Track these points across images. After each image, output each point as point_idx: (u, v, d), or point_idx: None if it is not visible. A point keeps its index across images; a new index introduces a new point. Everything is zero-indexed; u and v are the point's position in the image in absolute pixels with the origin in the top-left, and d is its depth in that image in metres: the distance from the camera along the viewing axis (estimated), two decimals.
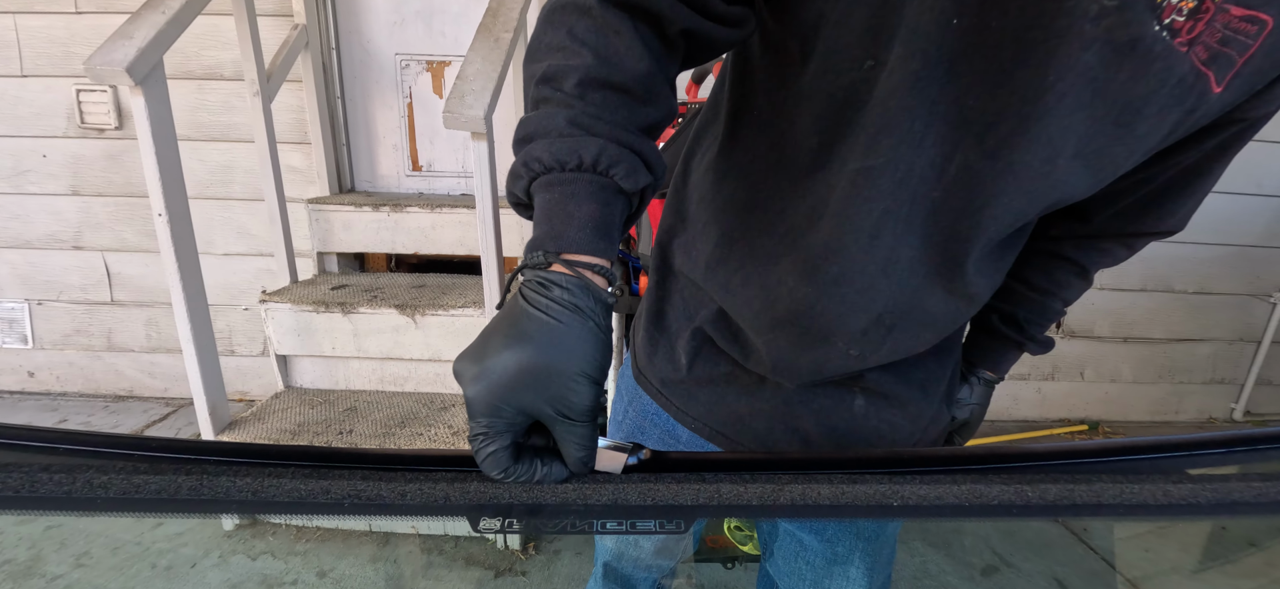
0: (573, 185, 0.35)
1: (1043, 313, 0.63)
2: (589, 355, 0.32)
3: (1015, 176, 0.40)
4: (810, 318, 0.49)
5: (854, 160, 0.42)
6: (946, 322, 0.50)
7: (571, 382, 0.32)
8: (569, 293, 0.33)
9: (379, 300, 1.71)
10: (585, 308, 0.33)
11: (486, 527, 0.32)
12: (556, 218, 0.34)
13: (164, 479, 0.33)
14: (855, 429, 0.57)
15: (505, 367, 0.31)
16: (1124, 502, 0.34)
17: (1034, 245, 0.60)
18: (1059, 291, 0.62)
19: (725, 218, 0.53)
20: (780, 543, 0.71)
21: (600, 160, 0.34)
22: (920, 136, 0.40)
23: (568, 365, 0.32)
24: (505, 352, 0.32)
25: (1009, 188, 0.41)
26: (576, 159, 0.34)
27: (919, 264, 0.45)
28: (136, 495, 0.33)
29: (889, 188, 0.41)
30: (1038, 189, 0.41)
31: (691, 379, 0.60)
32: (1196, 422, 2.41)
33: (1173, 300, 2.27)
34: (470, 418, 0.32)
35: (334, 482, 0.33)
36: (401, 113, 2.05)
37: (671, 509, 0.33)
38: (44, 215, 2.05)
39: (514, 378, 0.31)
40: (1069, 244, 0.60)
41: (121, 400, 2.23)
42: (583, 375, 0.32)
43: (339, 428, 1.61)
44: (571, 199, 0.34)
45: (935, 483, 0.35)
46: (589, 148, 0.34)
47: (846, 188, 0.43)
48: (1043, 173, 0.40)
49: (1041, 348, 0.65)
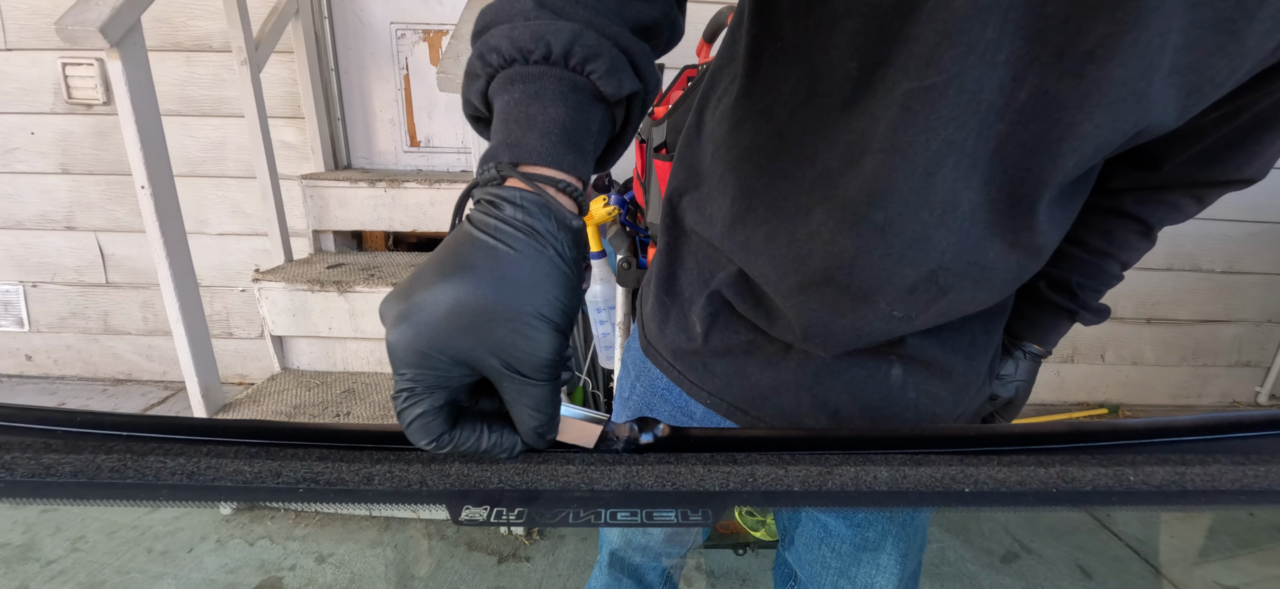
0: (538, 82, 0.28)
1: (1099, 277, 0.56)
2: (547, 292, 0.25)
3: (1102, 99, 0.33)
4: (849, 275, 0.42)
5: (907, 80, 0.34)
6: (1006, 280, 0.44)
7: (523, 325, 0.25)
8: (525, 212, 0.26)
9: (376, 279, 1.66)
10: (544, 232, 0.26)
11: (470, 516, 0.26)
12: (514, 122, 0.28)
13: (81, 458, 0.27)
14: (892, 402, 0.51)
15: (437, 303, 0.25)
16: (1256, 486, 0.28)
17: (1090, 200, 0.52)
18: (1117, 253, 0.55)
19: (745, 168, 0.46)
20: (802, 529, 0.65)
21: (574, 51, 0.28)
22: (993, 47, 0.32)
23: (518, 303, 0.25)
24: (439, 285, 0.25)
25: (1093, 114, 0.33)
26: (543, 48, 0.28)
27: (981, 211, 0.38)
28: (47, 478, 0.27)
29: (953, 112, 0.33)
30: (1125, 115, 0.34)
31: (707, 350, 0.54)
32: (1219, 405, 2.34)
33: (1199, 280, 2.18)
34: (393, 370, 0.25)
35: (286, 463, 0.27)
36: (397, 85, 1.97)
37: (696, 497, 0.27)
38: (34, 195, 2.00)
39: (448, 317, 0.24)
40: (1131, 198, 0.52)
41: (120, 384, 2.20)
42: (538, 317, 0.25)
43: (336, 410, 1.57)
44: (535, 99, 0.28)
45: (1016, 464, 0.29)
46: (560, 35, 0.27)
47: (897, 115, 0.35)
48: (1136, 92, 0.32)
49: (1096, 317, 0.57)
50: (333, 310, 1.64)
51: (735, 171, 0.47)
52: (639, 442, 0.30)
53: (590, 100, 0.29)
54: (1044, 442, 0.31)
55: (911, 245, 0.39)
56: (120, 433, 0.29)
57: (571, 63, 0.28)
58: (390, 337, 0.25)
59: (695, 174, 0.53)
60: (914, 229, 0.38)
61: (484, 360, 0.25)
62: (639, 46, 0.30)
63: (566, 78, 0.28)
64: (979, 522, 1.55)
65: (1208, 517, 1.60)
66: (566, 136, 0.28)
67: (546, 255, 0.26)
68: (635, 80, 0.30)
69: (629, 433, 0.31)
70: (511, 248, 0.25)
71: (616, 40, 0.29)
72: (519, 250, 0.25)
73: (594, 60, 0.28)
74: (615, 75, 0.29)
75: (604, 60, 0.28)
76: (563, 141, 0.28)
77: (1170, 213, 0.52)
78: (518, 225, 0.26)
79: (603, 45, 0.28)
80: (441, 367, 0.25)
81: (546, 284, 0.26)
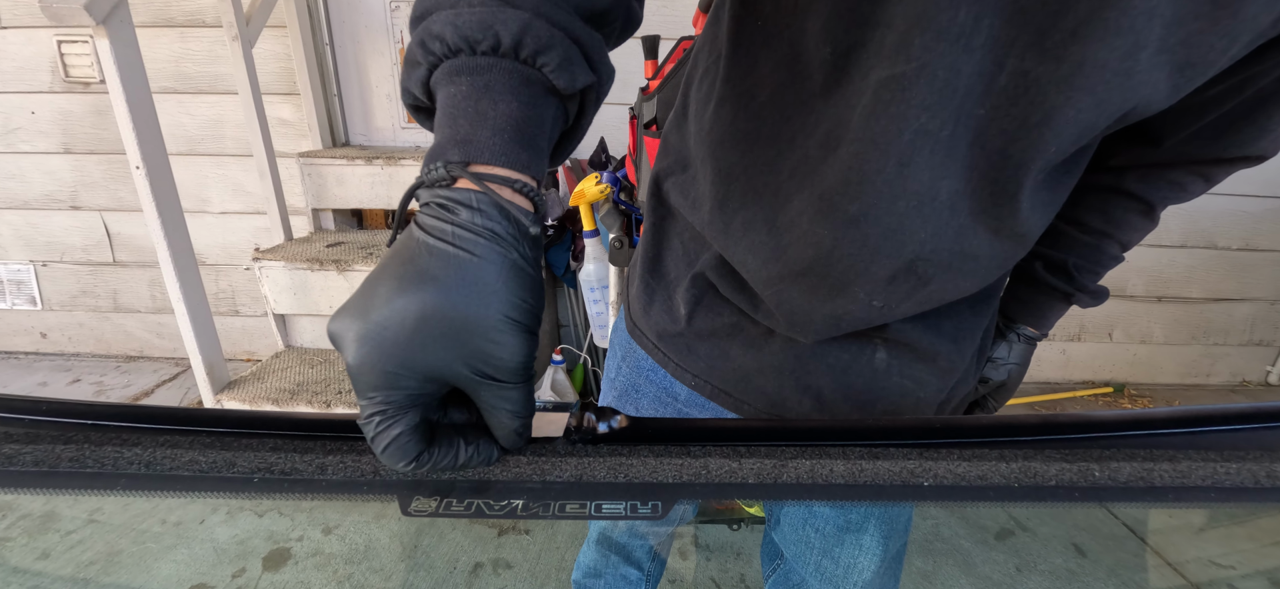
0: (487, 74, 0.26)
1: (1097, 259, 0.54)
2: (514, 294, 0.25)
3: (1085, 80, 0.31)
4: (827, 265, 0.41)
5: (879, 68, 0.33)
6: (991, 267, 0.42)
7: (494, 332, 0.24)
8: (481, 214, 0.25)
9: (375, 258, 1.66)
10: (504, 234, 0.25)
11: (419, 508, 0.26)
12: (463, 118, 0.26)
13: (40, 449, 0.27)
14: (876, 387, 0.50)
15: (401, 319, 0.24)
16: (1218, 483, 0.27)
17: (1089, 179, 0.50)
18: (1117, 233, 0.53)
19: (724, 152, 0.45)
20: (787, 510, 0.66)
21: (525, 43, 0.26)
22: (968, 33, 0.31)
23: (487, 311, 0.24)
24: (399, 298, 0.24)
25: (1076, 96, 0.32)
26: (491, 39, 0.26)
27: (962, 199, 0.37)
28: (10, 467, 0.27)
29: (925, 101, 0.32)
30: (1111, 96, 0.32)
31: (691, 332, 0.53)
32: (1229, 385, 2.31)
33: (1214, 258, 2.13)
34: (358, 394, 0.24)
35: (240, 453, 0.28)
36: (393, 59, 1.94)
37: (646, 488, 0.27)
38: (39, 175, 2.01)
39: (414, 333, 0.24)
40: (1132, 176, 0.50)
41: (133, 361, 2.26)
42: (507, 321, 0.24)
43: (338, 387, 1.59)
44: (484, 94, 0.26)
45: (977, 459, 0.28)
46: (509, 25, 0.26)
47: (869, 104, 0.34)
48: (1121, 72, 0.31)
49: (1094, 299, 0.56)
50: (333, 289, 1.65)
51: (714, 156, 0.46)
52: (596, 431, 0.30)
53: (543, 94, 0.28)
54: (1010, 434, 0.30)
55: (888, 237, 0.38)
56: (82, 421, 0.29)
57: (522, 55, 0.26)
58: (351, 360, 0.24)
59: (680, 156, 0.52)
60: (890, 220, 0.37)
61: (457, 372, 0.25)
62: (591, 37, 0.29)
63: (517, 71, 0.27)
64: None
65: None
66: (519, 134, 0.26)
67: (509, 259, 0.25)
68: (589, 73, 0.29)
69: (585, 423, 0.30)
70: (473, 254, 0.24)
71: (568, 30, 0.27)
72: (480, 255, 0.24)
73: (546, 52, 0.27)
74: (568, 68, 0.27)
75: (557, 52, 0.27)
76: (516, 139, 0.26)
77: (1174, 192, 0.50)
78: (477, 229, 0.24)
79: (555, 36, 0.27)
80: (412, 385, 0.24)
81: (513, 287, 0.25)
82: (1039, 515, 1.52)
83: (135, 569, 1.31)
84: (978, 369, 0.56)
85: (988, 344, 0.56)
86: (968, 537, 1.45)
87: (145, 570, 1.30)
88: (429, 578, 1.31)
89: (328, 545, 1.40)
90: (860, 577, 0.60)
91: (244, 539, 1.40)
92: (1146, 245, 2.11)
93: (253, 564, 1.34)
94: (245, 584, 1.28)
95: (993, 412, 0.61)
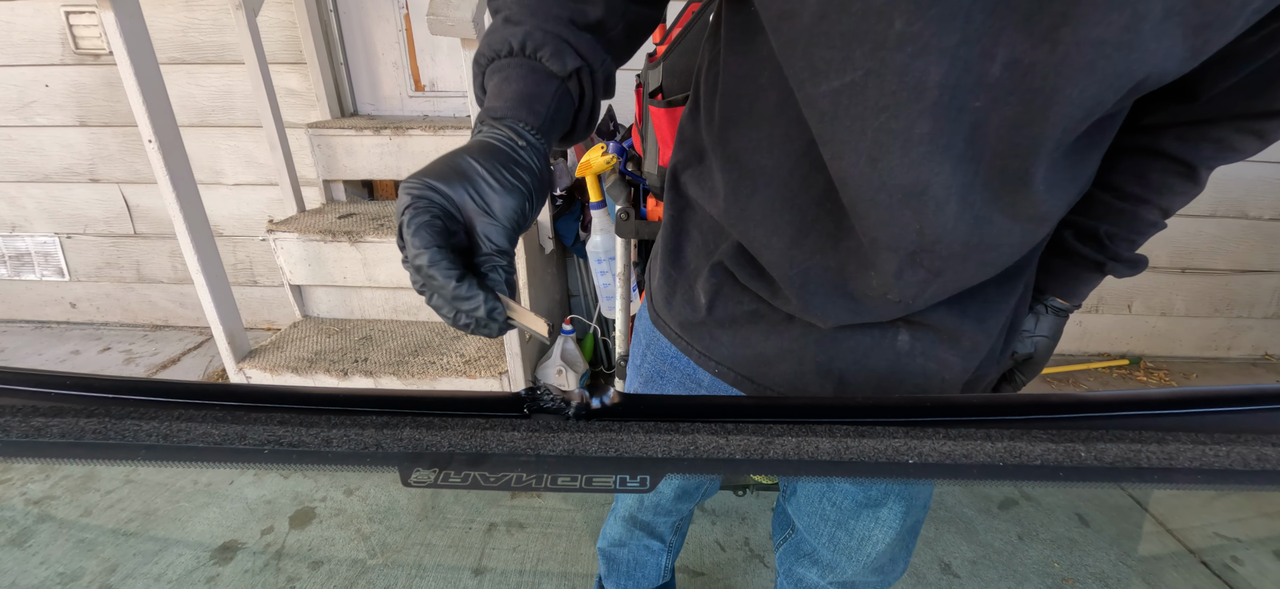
0: (507, 69, 0.40)
1: (1133, 226, 0.51)
2: (498, 166, 0.37)
3: (1084, 60, 0.30)
4: (834, 255, 0.43)
5: (828, 81, 0.36)
6: (1011, 250, 0.42)
7: (485, 179, 0.36)
8: (488, 131, 0.39)
9: (386, 229, 1.68)
10: (499, 142, 0.38)
11: (419, 480, 0.27)
12: (494, 96, 0.40)
13: (66, 421, 0.29)
14: (898, 369, 0.50)
15: (443, 162, 0.37)
16: (1208, 465, 0.27)
17: (1123, 140, 0.48)
18: (1155, 198, 0.49)
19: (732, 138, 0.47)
20: (804, 483, 0.67)
21: (527, 45, 0.40)
22: (919, 37, 0.31)
23: (483, 169, 0.37)
24: (445, 156, 0.38)
25: (1078, 77, 0.31)
26: (506, 46, 0.41)
27: (974, 191, 0.37)
28: (39, 439, 0.29)
29: (881, 102, 0.34)
30: (1116, 71, 0.31)
31: (712, 320, 0.54)
32: (1250, 358, 2.26)
33: (1244, 228, 2.05)
34: (401, 208, 0.35)
35: (250, 427, 0.29)
36: (398, 26, 1.91)
37: (636, 463, 0.28)
38: (57, 148, 2.05)
39: (441, 169, 0.36)
40: (1170, 137, 0.47)
41: (158, 329, 2.34)
42: (492, 177, 0.37)
43: (355, 356, 1.64)
44: (506, 81, 0.40)
45: (964, 437, 0.28)
46: (515, 35, 0.40)
47: (829, 108, 0.37)
48: (1124, 45, 0.30)
49: (1130, 269, 0.53)
50: (346, 260, 1.68)
51: (723, 142, 0.48)
52: (589, 406, 0.31)
53: (544, 76, 0.40)
54: (998, 413, 0.30)
55: (880, 229, 0.40)
56: (103, 395, 0.31)
57: (526, 52, 0.40)
58: (404, 184, 0.36)
59: (696, 148, 0.53)
60: (876, 214, 0.39)
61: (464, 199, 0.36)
62: (579, 37, 0.41)
63: (524, 63, 0.40)
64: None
65: None
66: (522, 100, 0.40)
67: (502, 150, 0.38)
68: (577, 58, 0.41)
69: (580, 398, 0.31)
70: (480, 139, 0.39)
71: (558, 33, 0.40)
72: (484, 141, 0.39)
73: (542, 48, 0.40)
74: (559, 56, 0.40)
75: (549, 47, 0.40)
76: (520, 102, 0.40)
77: (1219, 151, 0.46)
78: (486, 136, 0.39)
79: (547, 37, 0.40)
80: (439, 199, 0.36)
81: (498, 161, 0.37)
82: (1042, 487, 1.53)
83: (171, 525, 1.39)
84: (1008, 347, 0.54)
85: (1020, 322, 0.54)
86: (971, 505, 1.47)
87: (181, 527, 1.39)
88: (446, 536, 1.38)
89: (350, 505, 1.47)
90: (873, 548, 0.61)
91: (271, 499, 1.48)
92: (1174, 215, 2.02)
93: (280, 522, 1.41)
94: (273, 541, 1.36)
95: (1021, 385, 0.59)
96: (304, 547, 1.34)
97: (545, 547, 1.35)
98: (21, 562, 1.27)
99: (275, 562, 1.30)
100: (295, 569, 1.28)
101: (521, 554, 1.32)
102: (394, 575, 1.26)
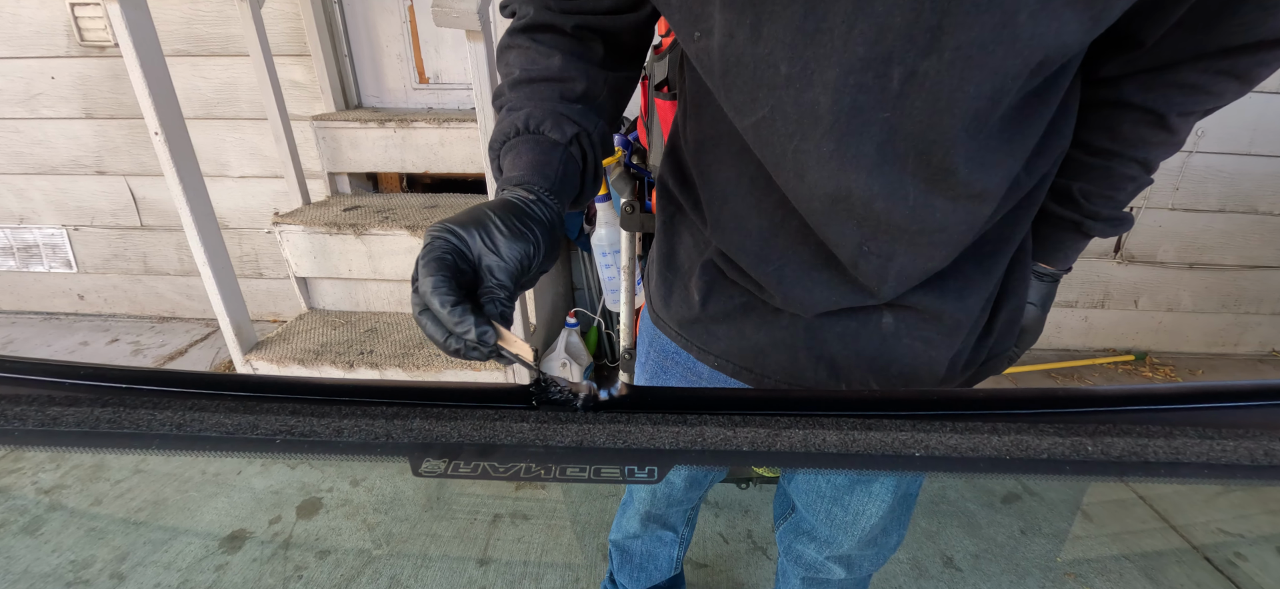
0: (517, 146, 0.47)
1: (1108, 181, 0.50)
2: (510, 214, 0.42)
3: (969, 60, 0.32)
4: (796, 253, 0.48)
5: (742, 118, 0.42)
6: (962, 228, 0.43)
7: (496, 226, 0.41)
8: (509, 191, 0.45)
9: (391, 222, 1.68)
10: (515, 201, 0.43)
11: (429, 469, 0.28)
12: (509, 168, 0.47)
13: (81, 411, 0.30)
14: (886, 350, 0.52)
15: (458, 213, 0.41)
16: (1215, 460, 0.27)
17: (1089, 95, 0.47)
18: (1128, 151, 0.48)
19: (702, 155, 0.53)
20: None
21: (530, 123, 0.47)
22: (798, 75, 0.37)
23: (494, 216, 0.41)
24: (460, 211, 0.42)
25: (970, 74, 0.33)
26: (514, 129, 0.47)
27: (898, 187, 0.40)
28: (55, 428, 0.30)
29: (788, 130, 0.40)
30: (1005, 62, 0.33)
31: (707, 316, 0.57)
32: (1258, 354, 2.24)
33: (1253, 223, 2.03)
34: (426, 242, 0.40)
35: (263, 417, 0.29)
36: (403, 17, 1.90)
37: (643, 454, 0.28)
38: (63, 140, 2.06)
39: (461, 216, 0.41)
40: (1133, 86, 0.45)
41: (166, 321, 2.35)
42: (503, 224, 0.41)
43: (360, 348, 1.65)
44: (518, 155, 0.46)
45: (970, 431, 0.28)
46: (519, 118, 0.47)
47: (753, 137, 0.43)
48: (1002, 40, 0.31)
49: (1110, 227, 0.51)
50: (351, 253, 1.69)
51: (697, 159, 0.54)
52: (597, 398, 0.31)
53: (549, 145, 0.47)
54: (1006, 407, 0.30)
55: (825, 229, 0.44)
56: (116, 385, 0.31)
57: (531, 129, 0.47)
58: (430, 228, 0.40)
59: (679, 161, 0.58)
60: (816, 218, 0.44)
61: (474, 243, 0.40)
62: (571, 108, 0.48)
63: (530, 137, 0.47)
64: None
65: None
66: (534, 167, 0.46)
67: (515, 207, 0.43)
68: (574, 125, 0.47)
69: (588, 390, 0.31)
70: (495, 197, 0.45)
71: (554, 109, 0.47)
72: (500, 198, 0.44)
73: (543, 122, 0.47)
74: (559, 126, 0.47)
75: (549, 121, 0.47)
76: (531, 169, 0.46)
77: (1193, 97, 0.44)
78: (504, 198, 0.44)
79: (546, 113, 0.47)
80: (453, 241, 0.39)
81: (509, 215, 0.42)
82: (1046, 480, 1.53)
83: (180, 514, 1.41)
84: (1010, 327, 0.55)
85: (1010, 299, 0.53)
86: (973, 499, 1.47)
87: (190, 516, 1.40)
88: (452, 527, 1.39)
89: (356, 496, 1.48)
90: (867, 521, 0.64)
91: (279, 489, 1.49)
92: (1182, 210, 2.02)
93: (288, 512, 1.43)
94: (281, 530, 1.38)
95: (1015, 358, 0.58)
96: (311, 536, 1.36)
97: (549, 538, 1.36)
98: (34, 549, 1.29)
99: (283, 551, 1.32)
100: (303, 558, 1.29)
101: (526, 545, 1.33)
102: (400, 565, 1.28)
